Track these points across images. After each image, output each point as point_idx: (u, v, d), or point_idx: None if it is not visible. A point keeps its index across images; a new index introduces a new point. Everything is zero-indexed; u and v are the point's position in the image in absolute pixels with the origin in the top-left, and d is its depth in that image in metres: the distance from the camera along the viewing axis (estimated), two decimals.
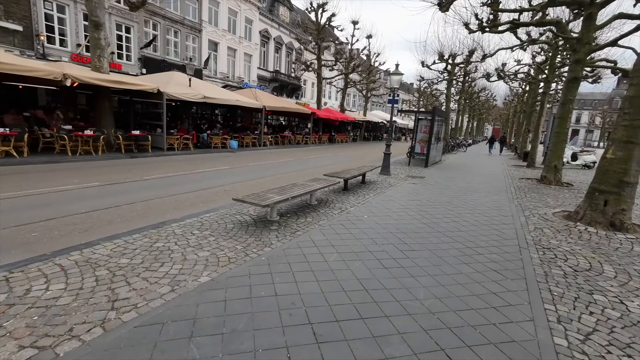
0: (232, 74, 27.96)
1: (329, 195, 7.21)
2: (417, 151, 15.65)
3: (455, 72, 24.53)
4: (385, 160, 10.98)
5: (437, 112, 14.52)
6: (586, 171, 16.44)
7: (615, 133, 5.71)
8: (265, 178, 9.29)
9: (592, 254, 4.43)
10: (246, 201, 4.52)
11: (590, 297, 3.21)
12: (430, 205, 6.72)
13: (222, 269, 3.26)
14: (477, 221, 5.75)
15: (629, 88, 5.59)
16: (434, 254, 4.08)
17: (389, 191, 8.05)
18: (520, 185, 10.38)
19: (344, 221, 5.22)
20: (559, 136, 11.14)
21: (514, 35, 13.49)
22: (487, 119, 70.60)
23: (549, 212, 6.67)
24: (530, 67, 20.36)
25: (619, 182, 5.58)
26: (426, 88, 43.05)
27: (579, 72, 10.57)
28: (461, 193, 8.36)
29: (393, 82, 10.52)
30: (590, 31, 10.19)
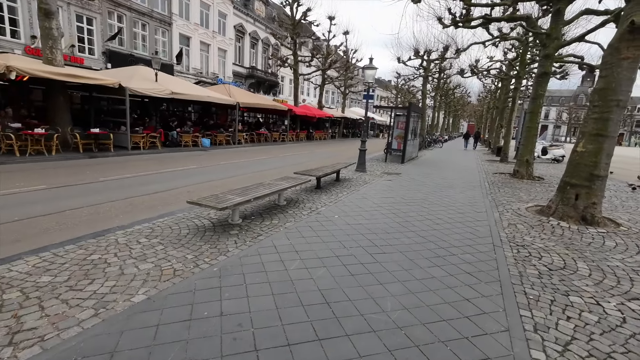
0: (206, 70, 26.98)
1: (300, 194, 6.84)
2: (394, 147, 15.56)
3: (430, 68, 24.71)
4: (361, 157, 10.73)
5: (413, 108, 14.44)
6: (556, 165, 16.93)
7: (586, 126, 5.67)
8: (235, 177, 8.80)
9: (565, 250, 4.30)
10: (202, 204, 4.08)
11: (567, 299, 3.02)
12: (404, 203, 6.49)
13: (163, 285, 2.83)
14: (452, 218, 5.56)
15: (597, 81, 5.55)
16: (405, 256, 3.80)
17: (363, 189, 7.78)
18: (494, 180, 10.41)
19: (313, 222, 4.87)
20: (530, 131, 11.27)
21: (486, 31, 13.57)
22: (462, 115, 72.34)
23: (522, 207, 6.61)
24: (502, 63, 20.75)
25: (589, 175, 5.54)
26: (403, 85, 43.43)
27: (548, 68, 10.71)
28: (436, 189, 8.21)
29: (367, 76, 10.26)
30: (559, 27, 10.31)
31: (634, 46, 5.10)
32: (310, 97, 42.57)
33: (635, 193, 8.93)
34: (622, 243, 4.66)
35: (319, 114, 27.96)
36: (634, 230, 5.28)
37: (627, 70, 5.19)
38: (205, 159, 12.27)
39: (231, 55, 29.22)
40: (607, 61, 5.40)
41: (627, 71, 5.19)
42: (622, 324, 2.66)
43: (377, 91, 64.64)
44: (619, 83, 5.24)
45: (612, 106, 5.32)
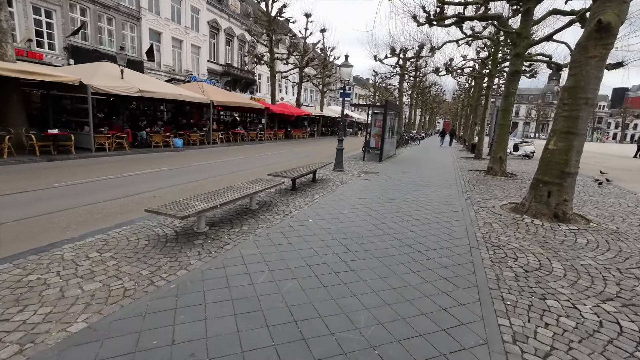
0: (179, 67, 26.02)
1: (274, 197, 6.56)
2: (372, 145, 15.53)
3: (406, 66, 24.93)
4: (338, 156, 10.56)
5: (390, 106, 14.43)
6: (527, 161, 17.47)
7: (556, 124, 5.72)
8: (207, 180, 8.39)
9: (540, 249, 4.28)
10: (161, 212, 3.73)
11: (544, 303, 2.94)
12: (381, 204, 6.36)
13: (109, 308, 2.50)
14: (428, 219, 5.46)
15: (567, 79, 5.60)
16: (381, 262, 3.63)
17: (340, 189, 7.60)
18: (469, 177, 10.52)
19: (286, 228, 4.62)
20: (502, 128, 11.48)
21: (459, 30, 13.73)
22: (438, 113, 74.01)
23: (497, 205, 6.63)
24: (475, 62, 21.19)
25: (560, 172, 5.60)
26: (381, 83, 43.81)
27: (519, 66, 10.93)
28: (413, 188, 8.16)
29: (343, 74, 10.08)
30: (529, 26, 10.53)
31: (601, 45, 5.17)
32: (288, 95, 42.09)
33: (601, 188, 9.26)
34: (593, 240, 4.71)
35: (297, 112, 27.62)
36: (603, 227, 5.37)
37: (595, 69, 5.26)
38: (177, 160, 11.71)
39: (205, 52, 28.33)
40: (575, 59, 5.45)
41: (595, 69, 5.26)
42: (599, 329, 2.59)
43: (355, 89, 64.93)
44: (587, 81, 5.31)
45: (581, 104, 5.39)
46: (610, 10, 4.99)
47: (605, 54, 5.20)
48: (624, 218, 6.05)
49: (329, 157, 13.44)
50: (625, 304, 3.01)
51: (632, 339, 2.49)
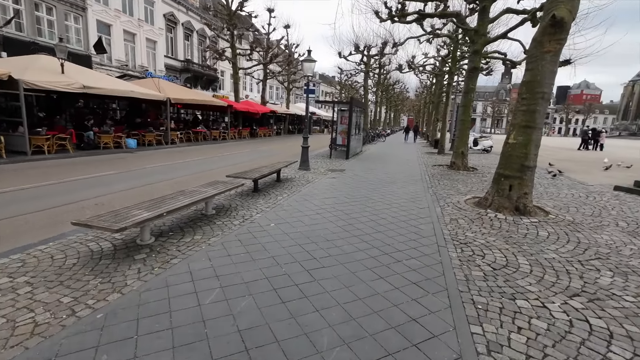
0: (133, 63, 24.31)
1: (234, 200, 6.10)
2: (339, 143, 15.37)
3: (371, 63, 25.10)
4: (304, 155, 10.23)
5: (355, 103, 14.33)
6: (486, 155, 18.22)
7: (515, 118, 5.80)
8: (161, 183, 7.70)
9: (505, 245, 4.24)
10: (91, 225, 3.19)
11: (514, 304, 2.82)
12: (347, 203, 6.12)
13: (8, 354, 1.99)
14: (395, 217, 5.30)
15: (525, 74, 5.68)
16: (347, 269, 3.36)
17: (306, 189, 7.28)
18: (434, 173, 10.65)
19: (244, 235, 4.22)
20: (463, 124, 11.77)
21: (420, 27, 13.91)
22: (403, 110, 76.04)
23: (461, 200, 6.65)
24: (435, 59, 21.77)
25: (520, 166, 5.67)
26: (346, 80, 44.00)
27: (477, 63, 11.22)
28: (380, 185, 8.03)
29: (306, 69, 9.75)
30: (485, 24, 10.83)
31: (555, 40, 5.26)
32: (253, 92, 41.05)
33: (555, 179, 9.73)
34: (553, 232, 4.78)
35: (262, 110, 26.89)
36: (561, 218, 5.52)
37: (550, 64, 5.36)
38: (128, 162, 10.76)
39: (162, 46, 26.71)
40: (532, 54, 5.53)
41: (550, 64, 5.36)
42: (570, 329, 2.49)
43: (321, 87, 64.90)
44: (543, 76, 5.40)
45: (538, 98, 5.48)
46: (563, 5, 5.09)
47: (559, 49, 5.31)
48: (578, 208, 6.29)
49: (296, 155, 13.07)
50: (591, 298, 2.97)
51: (602, 337, 2.41)
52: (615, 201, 6.95)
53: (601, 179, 10.07)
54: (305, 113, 10.30)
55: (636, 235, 4.77)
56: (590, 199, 7.09)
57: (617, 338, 2.41)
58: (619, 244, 4.37)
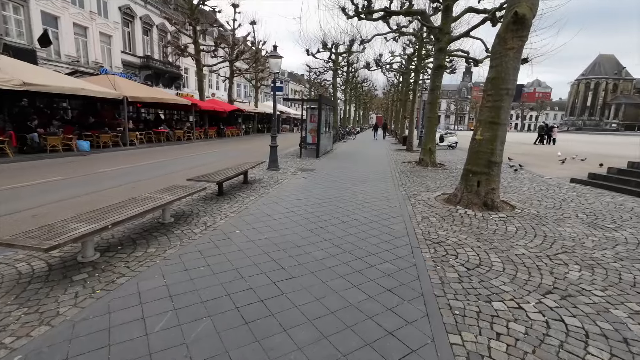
0: (86, 58, 22.54)
1: (196, 205, 5.66)
2: (309, 141, 15.14)
3: (339, 61, 25.07)
4: (272, 154, 9.88)
5: (324, 101, 14.15)
6: (452, 151, 18.77)
7: (482, 114, 5.85)
8: (114, 189, 7.04)
9: (477, 242, 4.21)
10: (15, 244, 2.70)
11: (491, 307, 2.72)
12: (318, 204, 5.89)
13: None
14: (367, 218, 5.14)
15: (489, 70, 5.73)
16: (318, 278, 3.12)
17: (274, 190, 6.96)
18: (403, 170, 10.71)
19: (205, 245, 3.85)
20: (430, 121, 11.95)
21: (387, 25, 13.97)
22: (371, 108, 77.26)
23: (431, 197, 6.65)
24: (402, 57, 22.13)
25: (488, 162, 5.73)
26: (315, 79, 43.83)
27: (442, 61, 11.43)
28: (351, 184, 7.88)
29: (272, 65, 9.38)
30: (449, 22, 11.03)
31: (517, 37, 5.34)
32: (220, 91, 39.73)
33: (517, 174, 10.12)
34: (521, 227, 4.84)
35: (229, 108, 25.99)
36: (526, 212, 5.64)
37: (513, 60, 5.44)
38: (79, 166, 9.83)
39: (118, 41, 25.00)
40: (496, 51, 5.59)
41: (513, 61, 5.44)
42: (548, 331, 2.41)
43: (290, 85, 64.32)
44: (507, 72, 5.47)
45: (502, 94, 5.54)
46: (524, 3, 5.16)
47: (521, 45, 5.40)
48: (540, 201, 6.50)
49: (265, 155, 12.65)
50: (563, 295, 2.94)
51: (579, 338, 2.35)
52: (572, 193, 7.28)
53: (558, 172, 10.62)
54: (273, 111, 9.94)
55: (595, 226, 4.95)
56: (551, 192, 7.37)
57: (593, 337, 2.36)
58: (581, 236, 4.49)
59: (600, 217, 5.42)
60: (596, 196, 6.99)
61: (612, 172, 8.01)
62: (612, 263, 3.65)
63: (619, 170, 7.89)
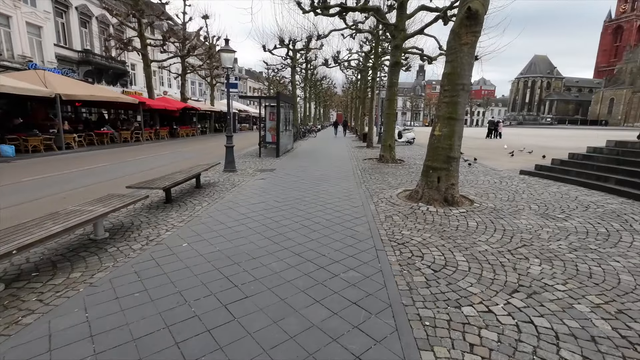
0: (11, 52, 19.89)
1: (139, 215, 5.02)
2: (269, 140, 14.65)
3: (297, 58, 24.67)
4: (229, 155, 9.28)
5: (283, 98, 13.71)
6: (410, 147, 19.25)
7: (439, 110, 5.84)
8: (40, 201, 6.09)
9: (441, 240, 4.12)
10: None
11: (461, 313, 2.56)
12: (277, 208, 5.52)
13: None
14: (330, 220, 4.88)
15: (445, 66, 5.73)
16: (277, 295, 2.78)
17: (230, 194, 6.46)
18: (365, 167, 10.65)
19: (144, 264, 3.33)
20: (389, 117, 12.04)
21: (343, 21, 13.85)
22: (331, 106, 77.83)
23: (394, 195, 6.57)
24: (359, 55, 22.25)
25: (447, 158, 5.74)
26: (274, 76, 42.99)
27: (399, 58, 11.52)
28: (312, 184, 7.60)
29: (224, 60, 8.78)
30: (404, 19, 11.13)
31: (471, 32, 5.37)
32: (173, 88, 37.49)
33: (471, 167, 10.50)
34: (481, 221, 4.87)
35: (182, 107, 24.49)
36: (484, 206, 5.73)
37: (468, 56, 5.46)
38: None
39: (51, 34, 22.40)
40: (451, 47, 5.58)
41: (468, 56, 5.47)
42: (520, 336, 2.29)
43: (248, 82, 62.61)
44: (462, 68, 5.49)
45: (458, 90, 5.56)
46: None
47: (474, 41, 5.43)
48: (496, 194, 6.69)
49: (222, 156, 11.97)
50: (528, 293, 2.88)
51: (550, 341, 2.25)
52: (523, 184, 7.62)
53: (508, 165, 11.21)
54: (227, 109, 9.33)
55: (547, 217, 5.12)
56: (504, 184, 7.66)
57: (563, 339, 2.28)
58: (536, 228, 4.60)
59: (551, 207, 5.66)
60: (544, 186, 7.37)
61: (555, 163, 8.55)
62: (567, 254, 3.72)
63: (561, 162, 8.44)
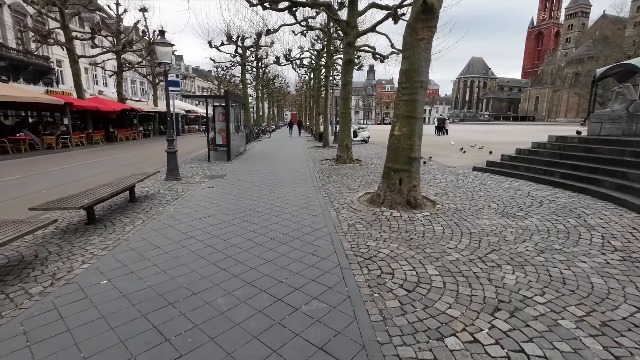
0: None
1: (48, 243, 4.03)
2: (219, 143, 13.64)
3: (247, 56, 23.61)
4: (171, 161, 8.27)
5: (232, 97, 12.79)
6: (365, 145, 19.28)
7: (398, 109, 5.56)
8: None
9: (409, 250, 3.78)
10: None
11: (445, 348, 2.18)
12: (227, 222, 4.83)
13: None
14: (287, 234, 4.33)
15: (402, 62, 5.47)
16: (221, 348, 2.16)
17: (171, 208, 5.61)
18: (322, 168, 10.24)
19: (40, 319, 2.50)
20: (345, 116, 11.76)
21: (294, 17, 13.31)
22: (285, 105, 76.89)
23: (354, 199, 6.19)
24: (311, 53, 21.85)
25: (408, 158, 5.48)
26: (224, 74, 41.05)
27: (352, 55, 11.27)
28: (267, 190, 6.97)
29: (161, 55, 7.77)
30: (355, 16, 10.90)
31: (427, 27, 5.14)
32: (109, 87, 33.95)
33: (427, 165, 10.58)
34: (446, 225, 4.65)
35: (119, 108, 22.15)
36: (446, 207, 5.57)
37: (425, 51, 5.24)
38: None
39: None
40: (408, 42, 5.32)
41: (425, 52, 5.24)
42: None
43: (197, 81, 59.31)
44: (420, 64, 5.25)
45: (417, 87, 5.32)
46: None
47: (430, 36, 5.22)
48: (455, 193, 6.63)
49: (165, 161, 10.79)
50: (510, 310, 2.61)
51: None
52: (478, 181, 7.73)
53: (460, 161, 11.53)
54: (167, 110, 8.29)
55: (507, 215, 5.08)
56: (460, 182, 7.70)
57: None
58: (500, 229, 4.48)
59: (508, 205, 5.67)
60: (497, 182, 7.53)
61: (504, 159, 8.86)
62: (536, 257, 3.58)
63: (510, 157, 8.75)
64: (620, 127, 7.42)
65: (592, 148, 7.22)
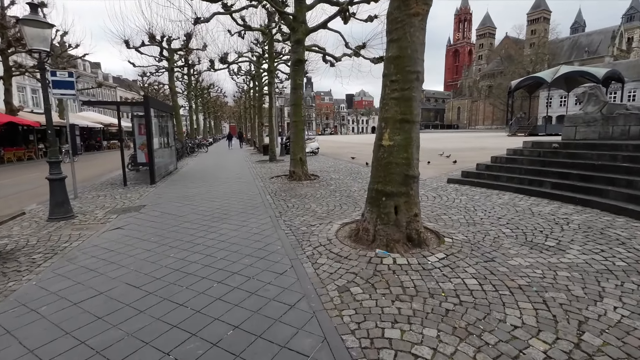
0: None
1: None
2: (142, 161, 10.98)
3: (175, 60, 20.72)
4: (57, 193, 5.68)
5: (154, 104, 10.30)
6: (316, 157, 17.79)
7: (387, 110, 4.06)
8: None
9: (462, 344, 2.18)
10: None
11: None
12: (132, 307, 2.74)
13: None
14: (241, 328, 2.43)
15: (389, 46, 4.01)
16: None
17: (40, 275, 3.28)
18: (275, 189, 8.37)
19: None
20: (297, 125, 10.12)
21: (229, 16, 11.37)
22: (223, 117, 72.78)
23: (331, 235, 4.48)
24: (250, 59, 19.88)
25: (404, 177, 3.99)
26: (150, 85, 36.60)
27: (301, 54, 9.72)
28: (203, 230, 4.92)
29: (30, 37, 5.26)
30: (303, 9, 9.44)
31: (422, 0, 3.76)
32: None
33: None
34: (479, 275, 3.19)
35: (4, 121, 17.49)
36: (454, 239, 4.19)
37: (419, 31, 3.84)
38: None
39: None
40: (395, 19, 3.88)
41: (419, 32, 3.85)
42: None
43: (119, 91, 52.66)
44: (414, 48, 3.84)
45: (412, 80, 3.90)
46: None
47: (426, 11, 3.85)
48: (448, 214, 5.36)
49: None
50: None
51: None
52: (463, 197, 6.62)
53: (427, 172, 10.56)
54: (47, 120, 5.72)
55: (536, 248, 3.85)
56: (444, 199, 6.51)
57: None
58: (547, 273, 3.17)
59: (523, 229, 4.50)
60: (485, 197, 6.49)
61: (480, 168, 8.00)
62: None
63: (486, 166, 7.92)
64: (595, 130, 6.98)
65: (576, 154, 6.61)
